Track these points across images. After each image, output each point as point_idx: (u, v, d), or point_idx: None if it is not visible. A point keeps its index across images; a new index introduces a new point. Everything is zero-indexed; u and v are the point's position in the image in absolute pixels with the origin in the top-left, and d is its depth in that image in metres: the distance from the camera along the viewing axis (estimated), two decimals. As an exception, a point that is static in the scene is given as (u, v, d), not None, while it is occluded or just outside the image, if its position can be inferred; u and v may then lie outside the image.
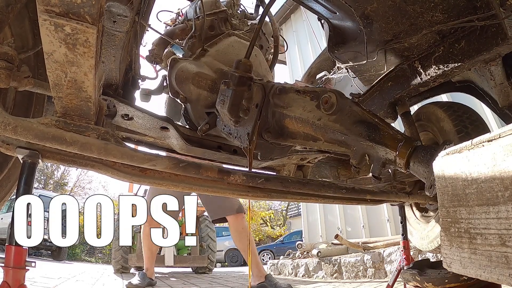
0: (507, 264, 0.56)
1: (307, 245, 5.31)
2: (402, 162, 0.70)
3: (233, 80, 0.98)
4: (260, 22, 1.02)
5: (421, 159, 0.67)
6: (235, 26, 1.48)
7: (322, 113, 0.86)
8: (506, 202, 0.59)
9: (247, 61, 1.01)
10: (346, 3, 1.16)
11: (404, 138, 0.71)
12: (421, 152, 0.67)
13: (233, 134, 1.06)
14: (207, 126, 1.19)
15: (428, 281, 1.12)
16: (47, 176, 21.86)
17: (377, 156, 0.75)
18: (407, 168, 0.69)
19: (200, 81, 1.19)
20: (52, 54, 0.64)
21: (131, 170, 0.91)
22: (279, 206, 23.76)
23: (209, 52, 1.29)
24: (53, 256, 11.09)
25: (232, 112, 0.99)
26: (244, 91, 0.99)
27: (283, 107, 0.94)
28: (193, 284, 3.65)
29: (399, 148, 0.70)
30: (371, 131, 0.76)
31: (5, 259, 0.69)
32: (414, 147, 0.69)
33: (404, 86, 1.31)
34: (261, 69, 1.38)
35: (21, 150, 0.77)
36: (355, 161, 0.79)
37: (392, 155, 0.71)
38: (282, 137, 0.97)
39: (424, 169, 0.66)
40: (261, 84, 0.99)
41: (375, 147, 0.74)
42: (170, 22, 1.64)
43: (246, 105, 1.00)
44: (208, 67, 1.23)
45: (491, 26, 1.00)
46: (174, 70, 1.25)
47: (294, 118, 0.91)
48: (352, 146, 0.80)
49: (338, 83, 1.74)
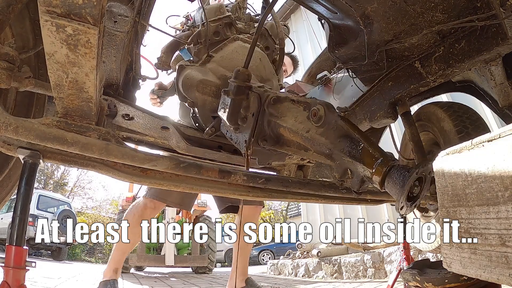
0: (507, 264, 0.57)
1: (307, 245, 5.32)
2: (377, 180, 0.72)
3: (232, 89, 1.02)
4: (259, 26, 1.03)
5: (394, 180, 0.69)
6: (240, 29, 1.49)
7: (311, 124, 0.88)
8: (506, 202, 0.59)
9: (246, 70, 1.04)
10: (347, 3, 1.16)
11: (381, 156, 0.73)
12: (395, 173, 0.69)
13: (234, 140, 1.10)
14: (213, 129, 1.23)
15: (428, 281, 1.12)
16: (47, 176, 21.85)
17: (356, 172, 0.78)
18: (382, 187, 0.71)
19: (204, 88, 1.23)
20: (53, 55, 0.64)
21: (132, 171, 0.91)
22: (279, 206, 23.77)
23: (214, 58, 1.32)
24: (53, 256, 11.09)
25: (232, 120, 1.03)
26: (243, 100, 1.02)
27: (277, 117, 0.96)
28: (193, 284, 3.65)
29: (375, 166, 0.72)
30: (353, 147, 0.78)
31: (5, 259, 0.69)
32: (390, 166, 0.71)
33: (404, 86, 1.31)
34: (266, 73, 1.39)
35: (22, 151, 0.77)
36: (338, 175, 0.82)
37: (369, 172, 0.73)
38: (278, 145, 0.99)
39: (396, 190, 0.68)
40: (257, 93, 1.01)
41: (354, 164, 0.77)
42: (179, 26, 1.65)
43: (244, 113, 1.03)
44: (213, 74, 1.26)
45: (491, 26, 1.00)
46: (181, 76, 1.28)
47: (287, 128, 0.93)
48: (336, 160, 0.82)
49: (338, 83, 1.74)
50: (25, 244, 0.72)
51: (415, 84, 1.27)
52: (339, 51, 1.40)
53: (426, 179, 0.72)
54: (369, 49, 1.29)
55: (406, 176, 0.66)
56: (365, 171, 0.74)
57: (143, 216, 2.07)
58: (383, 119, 1.41)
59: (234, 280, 2.31)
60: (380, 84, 1.42)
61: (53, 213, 10.74)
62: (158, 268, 7.42)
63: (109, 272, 2.07)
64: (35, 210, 9.99)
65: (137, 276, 5.21)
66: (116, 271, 2.09)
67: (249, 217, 2.25)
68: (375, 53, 1.30)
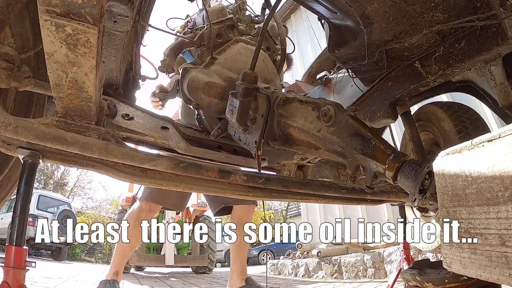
0: (507, 264, 0.57)
1: (307, 245, 5.32)
2: (390, 175, 0.76)
3: (240, 91, 1.04)
4: (263, 28, 1.05)
5: (407, 174, 0.73)
6: (242, 31, 1.50)
7: (322, 124, 0.90)
8: (506, 202, 0.59)
9: (253, 72, 1.06)
10: (346, 3, 1.16)
11: (393, 153, 0.77)
12: (407, 167, 0.73)
13: (243, 141, 1.12)
14: (219, 131, 1.25)
15: (428, 281, 1.12)
16: (47, 176, 21.85)
17: (369, 168, 0.81)
18: (395, 181, 0.76)
19: (210, 90, 1.24)
20: (53, 54, 0.64)
21: (131, 170, 0.91)
22: (279, 206, 23.77)
23: (218, 60, 1.32)
24: (53, 256, 11.09)
25: (241, 122, 1.05)
26: (251, 102, 1.05)
27: (287, 117, 0.99)
28: (193, 284, 3.65)
29: (388, 162, 0.76)
30: (365, 145, 0.81)
31: (5, 259, 0.69)
32: (402, 162, 0.74)
33: (404, 86, 1.31)
34: (269, 73, 1.40)
35: (21, 150, 0.77)
36: (350, 171, 0.86)
37: (382, 168, 0.77)
38: (287, 144, 1.02)
39: (409, 183, 0.72)
40: (266, 94, 1.04)
41: (367, 160, 0.80)
42: (180, 29, 1.65)
43: (252, 115, 1.06)
44: (218, 76, 1.27)
45: (491, 26, 1.00)
46: (185, 79, 1.29)
47: (297, 128, 0.96)
48: (348, 157, 0.86)
49: (338, 83, 1.74)
50: (25, 244, 0.72)
51: (415, 84, 1.27)
52: (339, 51, 1.40)
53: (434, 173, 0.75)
54: (369, 49, 1.29)
55: (419, 170, 0.70)
56: (378, 167, 0.78)
57: (139, 218, 2.09)
58: (383, 119, 1.41)
59: (234, 279, 2.31)
60: (380, 84, 1.42)
61: (53, 213, 10.73)
62: (158, 268, 7.42)
63: (110, 275, 2.07)
64: (35, 210, 9.98)
65: (137, 276, 5.21)
66: (117, 274, 2.08)
67: (244, 216, 2.26)
68: (375, 53, 1.30)
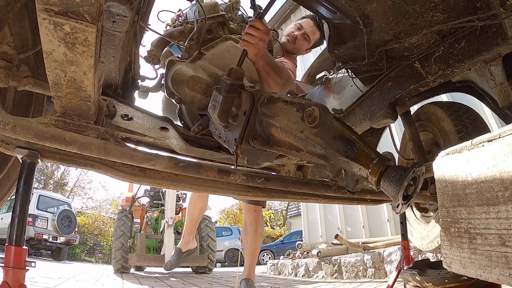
0: (507, 264, 0.56)
1: (307, 245, 5.32)
2: (373, 180, 0.73)
3: (224, 86, 1.01)
4: None
5: (390, 179, 0.70)
6: (232, 30, 1.49)
7: (305, 125, 0.88)
8: (506, 202, 0.59)
9: (239, 68, 1.03)
10: (346, 3, 1.16)
11: (377, 157, 0.74)
12: (391, 172, 0.70)
13: (223, 138, 1.09)
14: (199, 127, 1.22)
15: (428, 281, 1.12)
16: (47, 176, 21.84)
17: (351, 172, 0.78)
18: (378, 186, 0.72)
19: (194, 84, 1.20)
20: (51, 53, 0.64)
21: (130, 170, 0.91)
22: (279, 206, 23.77)
23: (205, 55, 1.31)
24: (53, 256, 11.09)
25: (222, 117, 1.02)
26: (234, 98, 1.02)
27: (270, 116, 0.96)
28: (193, 284, 3.65)
29: (371, 166, 0.73)
30: (348, 147, 0.79)
31: (5, 259, 0.69)
32: (386, 166, 0.71)
33: (404, 86, 1.31)
34: (256, 75, 1.39)
35: (20, 150, 0.77)
36: (331, 175, 0.83)
37: (365, 172, 0.74)
38: (268, 145, 0.99)
39: (392, 188, 0.69)
40: (250, 92, 1.01)
41: (350, 163, 0.78)
42: (170, 22, 1.64)
43: (235, 111, 1.02)
44: (203, 71, 1.25)
45: (491, 26, 1.00)
46: (170, 72, 1.26)
47: (279, 128, 0.93)
48: (330, 160, 0.83)
49: (338, 83, 1.74)
50: (24, 244, 0.72)
51: (414, 84, 1.26)
52: (339, 51, 1.40)
53: (419, 179, 0.73)
54: (368, 49, 1.28)
55: (403, 176, 0.67)
56: (361, 170, 0.75)
57: None
58: (383, 119, 1.40)
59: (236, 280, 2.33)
60: (380, 84, 1.42)
61: (53, 213, 10.73)
62: (158, 268, 7.42)
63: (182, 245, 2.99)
64: (35, 210, 9.98)
65: (137, 276, 5.21)
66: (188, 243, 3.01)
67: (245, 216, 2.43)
68: (374, 53, 1.30)
